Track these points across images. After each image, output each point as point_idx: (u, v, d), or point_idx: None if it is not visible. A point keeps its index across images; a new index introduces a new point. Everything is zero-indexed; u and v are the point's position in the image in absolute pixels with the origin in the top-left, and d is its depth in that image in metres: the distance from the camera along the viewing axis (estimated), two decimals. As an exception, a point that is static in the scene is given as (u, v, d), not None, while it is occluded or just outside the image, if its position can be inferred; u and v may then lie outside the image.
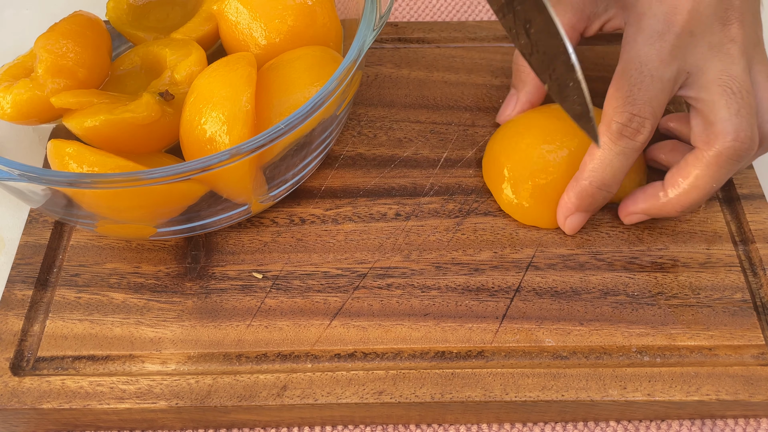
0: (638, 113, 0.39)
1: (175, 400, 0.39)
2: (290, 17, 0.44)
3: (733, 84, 0.39)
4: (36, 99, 0.42)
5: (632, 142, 0.40)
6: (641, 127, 0.39)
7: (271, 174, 0.42)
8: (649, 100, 0.39)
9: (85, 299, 0.42)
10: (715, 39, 0.39)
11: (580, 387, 0.39)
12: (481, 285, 0.43)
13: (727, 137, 0.39)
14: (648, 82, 0.39)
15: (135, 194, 0.38)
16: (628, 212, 0.44)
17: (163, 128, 0.42)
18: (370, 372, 0.39)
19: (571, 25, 0.45)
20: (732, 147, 0.39)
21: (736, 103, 0.39)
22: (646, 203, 0.43)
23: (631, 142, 0.40)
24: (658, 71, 0.39)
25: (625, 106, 0.39)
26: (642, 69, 0.39)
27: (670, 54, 0.39)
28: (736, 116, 0.39)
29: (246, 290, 0.43)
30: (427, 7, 0.61)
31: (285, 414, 0.39)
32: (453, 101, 0.51)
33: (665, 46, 0.39)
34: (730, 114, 0.39)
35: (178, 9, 0.51)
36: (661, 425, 0.40)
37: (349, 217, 0.46)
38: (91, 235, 0.45)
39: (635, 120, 0.39)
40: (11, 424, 0.40)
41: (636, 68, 0.39)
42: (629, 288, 0.42)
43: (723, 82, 0.39)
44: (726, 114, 0.39)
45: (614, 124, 0.40)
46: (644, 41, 0.39)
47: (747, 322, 0.41)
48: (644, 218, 0.44)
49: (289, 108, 0.41)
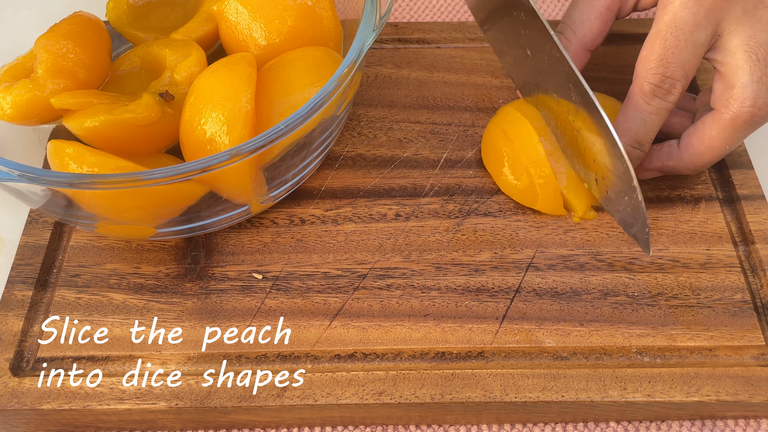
0: (671, 75, 0.41)
1: (175, 400, 0.39)
2: (290, 18, 0.44)
3: (759, 51, 0.40)
4: (36, 99, 0.42)
5: (664, 102, 0.42)
6: (673, 88, 0.41)
7: (271, 174, 0.42)
8: (681, 63, 0.41)
9: (85, 300, 0.42)
10: (750, 4, 0.40)
11: (580, 388, 0.39)
12: (481, 285, 0.43)
13: (746, 102, 0.40)
14: (682, 46, 0.40)
15: (135, 195, 0.38)
16: (644, 168, 0.45)
17: (163, 129, 0.42)
18: (370, 373, 0.39)
19: (606, 6, 0.46)
20: (749, 112, 0.40)
21: (759, 70, 0.40)
22: (660, 161, 0.45)
23: (663, 102, 0.42)
24: (692, 35, 0.40)
25: (658, 68, 0.41)
26: (677, 33, 0.40)
27: (705, 17, 0.40)
28: (757, 83, 0.40)
29: (246, 291, 0.43)
30: (427, 8, 0.61)
31: (285, 414, 0.39)
32: (453, 101, 0.51)
33: (701, 10, 0.40)
34: (752, 80, 0.40)
35: (178, 9, 0.51)
36: (661, 426, 0.40)
37: (349, 218, 0.46)
38: (91, 236, 0.45)
39: (667, 81, 0.41)
40: (11, 424, 0.40)
41: (671, 32, 0.40)
42: (629, 288, 0.42)
43: (749, 48, 0.40)
44: (748, 79, 0.40)
45: (647, 85, 0.41)
46: (681, 4, 0.40)
47: (747, 322, 0.41)
48: (658, 174, 0.46)
49: (289, 108, 0.41)
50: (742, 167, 0.47)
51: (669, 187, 0.47)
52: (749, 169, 0.47)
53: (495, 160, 0.47)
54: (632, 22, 0.55)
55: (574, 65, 0.42)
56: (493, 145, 0.47)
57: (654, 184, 0.47)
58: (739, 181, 0.46)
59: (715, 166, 0.48)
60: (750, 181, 0.47)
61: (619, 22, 0.55)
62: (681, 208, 0.46)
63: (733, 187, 0.46)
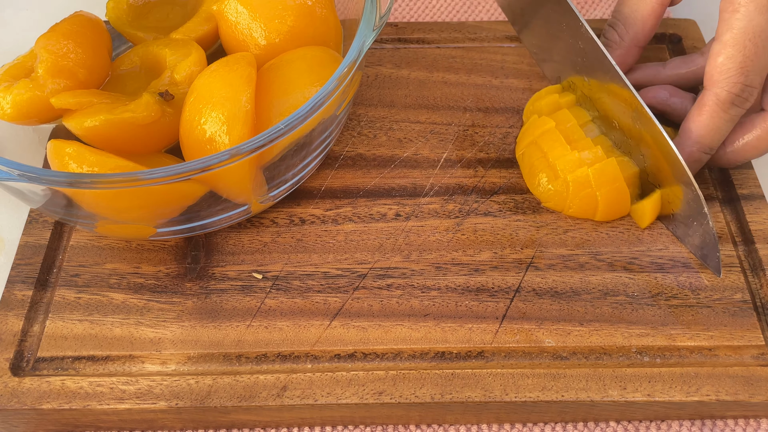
0: (750, 83, 0.41)
1: (175, 400, 0.39)
2: (290, 17, 0.44)
3: None
4: (36, 99, 0.42)
5: (740, 109, 0.42)
6: (750, 96, 0.42)
7: (271, 174, 0.42)
8: (760, 70, 0.41)
9: (85, 299, 0.42)
10: None
11: (580, 387, 0.39)
12: (481, 285, 0.43)
13: None
14: (761, 53, 0.41)
15: (135, 194, 0.38)
16: None
17: (163, 128, 0.42)
18: (370, 372, 0.39)
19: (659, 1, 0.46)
20: None
21: None
22: None
23: (740, 109, 0.42)
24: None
25: (739, 77, 0.41)
26: (755, 40, 0.40)
27: None
28: None
29: (246, 290, 0.43)
30: (427, 8, 0.61)
31: (285, 414, 0.39)
32: (453, 101, 0.51)
33: None
34: None
35: (178, 9, 0.51)
36: (661, 426, 0.40)
37: (349, 218, 0.46)
38: (91, 236, 0.45)
39: (747, 90, 0.41)
40: (11, 424, 0.40)
41: (750, 38, 0.40)
42: (629, 288, 0.42)
43: None
44: None
45: (726, 93, 0.42)
46: (757, 10, 0.40)
47: (747, 322, 0.41)
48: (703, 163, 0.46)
49: (288, 108, 0.41)
50: (742, 167, 0.47)
51: (669, 187, 0.47)
52: (749, 169, 0.47)
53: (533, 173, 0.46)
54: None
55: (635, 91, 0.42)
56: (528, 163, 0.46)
57: (654, 183, 0.47)
58: (739, 181, 0.46)
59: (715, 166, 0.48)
60: (750, 181, 0.47)
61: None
62: (681, 207, 0.46)
63: (733, 187, 0.46)
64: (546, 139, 0.45)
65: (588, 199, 0.44)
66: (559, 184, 0.44)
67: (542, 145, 0.45)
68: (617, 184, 0.43)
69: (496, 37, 0.55)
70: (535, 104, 0.49)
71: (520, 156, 0.47)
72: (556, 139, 0.45)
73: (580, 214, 0.45)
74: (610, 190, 0.43)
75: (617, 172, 0.43)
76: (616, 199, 0.44)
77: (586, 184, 0.43)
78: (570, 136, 0.45)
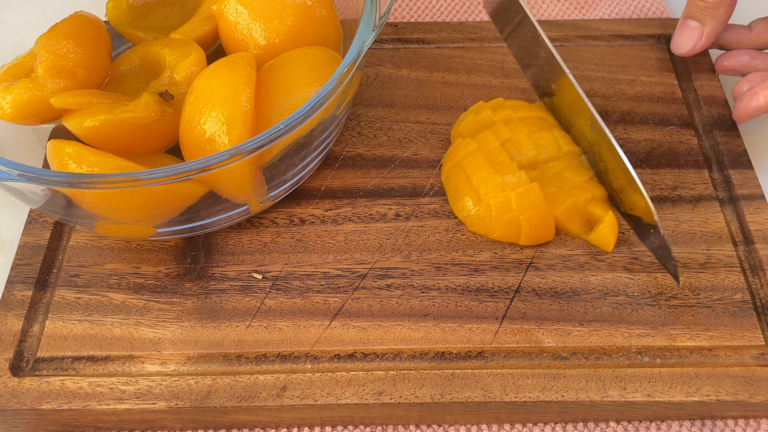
0: None
1: (175, 400, 0.38)
2: (290, 17, 0.44)
3: None
4: (36, 99, 0.42)
5: None
6: None
7: (271, 174, 0.42)
8: None
9: (85, 300, 0.42)
10: None
11: (580, 388, 0.39)
12: (481, 285, 0.43)
13: None
14: None
15: (135, 194, 0.38)
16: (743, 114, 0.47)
17: (163, 128, 0.42)
18: (370, 372, 0.39)
19: None
20: None
21: None
22: None
23: None
24: None
25: None
26: None
27: None
28: None
29: (246, 291, 0.43)
30: (427, 7, 0.61)
31: (285, 414, 0.39)
32: (453, 101, 0.51)
33: None
34: None
35: (178, 9, 0.51)
36: (661, 426, 0.40)
37: (349, 218, 0.46)
38: (91, 236, 0.45)
39: None
40: (11, 424, 0.40)
41: None
42: (629, 288, 0.42)
43: None
44: None
45: None
46: None
47: (747, 322, 0.41)
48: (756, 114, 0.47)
49: (288, 108, 0.41)
50: (742, 167, 0.47)
51: (669, 187, 0.47)
52: (749, 169, 0.47)
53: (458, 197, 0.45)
54: (632, 22, 0.55)
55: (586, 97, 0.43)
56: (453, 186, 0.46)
57: (653, 183, 0.47)
58: (739, 181, 0.46)
59: (716, 166, 0.48)
60: (750, 181, 0.46)
61: (619, 22, 0.55)
62: (681, 208, 0.46)
63: (733, 187, 0.46)
64: (469, 162, 0.45)
65: (511, 223, 0.43)
66: (482, 208, 0.44)
67: (466, 168, 0.45)
68: (540, 210, 0.43)
69: (496, 37, 0.55)
70: (458, 126, 0.48)
71: (445, 179, 0.47)
72: (479, 163, 0.44)
73: (504, 239, 0.44)
74: (533, 214, 0.43)
75: (540, 197, 0.43)
76: (540, 224, 0.43)
77: (508, 208, 0.43)
78: (494, 158, 0.45)
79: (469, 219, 0.44)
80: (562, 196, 0.44)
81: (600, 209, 0.44)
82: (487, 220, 0.44)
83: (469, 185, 0.44)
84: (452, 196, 0.46)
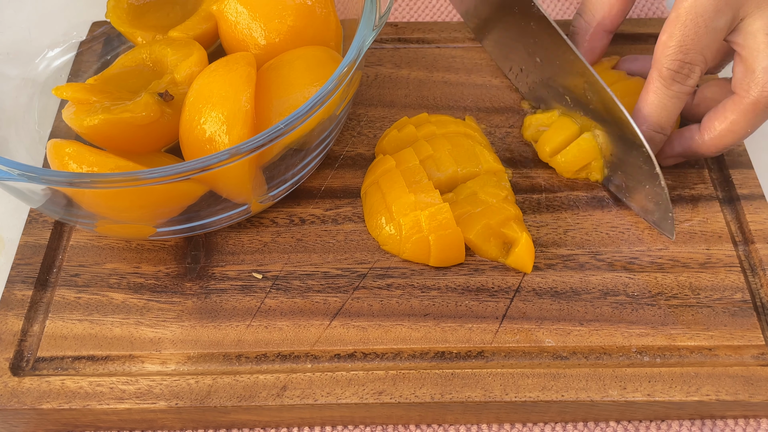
0: (690, 61, 0.41)
1: (175, 400, 0.39)
2: (290, 17, 0.44)
3: None
4: None
5: (684, 87, 0.42)
6: (691, 72, 0.42)
7: (271, 174, 0.42)
8: (701, 49, 0.41)
9: (85, 299, 0.42)
10: None
11: (580, 387, 0.39)
12: (481, 285, 0.43)
13: (767, 86, 0.40)
14: (702, 32, 0.41)
15: (135, 194, 0.38)
16: (666, 155, 0.46)
17: (163, 128, 0.42)
18: (370, 372, 0.39)
19: None
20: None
21: None
22: (682, 146, 0.45)
23: (683, 86, 0.42)
24: (712, 21, 0.40)
25: (678, 54, 0.41)
26: (697, 19, 0.40)
27: (726, 3, 0.40)
28: None
29: (246, 290, 0.43)
30: (427, 7, 0.61)
31: (285, 414, 0.39)
32: (453, 101, 0.51)
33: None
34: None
35: (178, 9, 0.51)
36: (661, 425, 0.40)
37: (349, 217, 0.46)
38: (91, 236, 0.45)
39: (686, 67, 0.41)
40: (11, 424, 0.40)
41: (691, 18, 0.41)
42: (629, 288, 0.42)
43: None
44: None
45: (666, 70, 0.42)
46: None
47: (747, 322, 0.41)
48: (681, 160, 0.46)
49: (288, 108, 0.41)
50: (742, 167, 0.47)
51: (669, 187, 0.47)
52: (749, 168, 0.47)
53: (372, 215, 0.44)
54: (632, 21, 0.55)
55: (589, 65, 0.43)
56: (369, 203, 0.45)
57: (654, 183, 0.47)
58: (739, 181, 0.46)
59: (715, 166, 0.48)
60: (750, 180, 0.47)
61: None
62: (681, 207, 0.46)
63: (732, 187, 0.46)
64: (386, 180, 0.44)
65: (420, 243, 0.42)
66: (394, 227, 0.43)
67: (382, 185, 0.44)
68: (450, 231, 0.42)
69: (496, 36, 0.55)
70: (381, 142, 0.48)
71: (363, 195, 0.46)
72: (396, 181, 0.44)
73: (415, 258, 0.43)
74: (442, 235, 0.42)
75: (450, 218, 0.42)
76: (450, 245, 0.42)
77: (418, 228, 0.42)
78: (411, 177, 0.44)
79: (381, 237, 0.44)
80: (476, 216, 0.43)
81: (515, 231, 0.43)
82: (398, 240, 0.43)
83: (384, 203, 0.44)
84: (368, 213, 0.45)
